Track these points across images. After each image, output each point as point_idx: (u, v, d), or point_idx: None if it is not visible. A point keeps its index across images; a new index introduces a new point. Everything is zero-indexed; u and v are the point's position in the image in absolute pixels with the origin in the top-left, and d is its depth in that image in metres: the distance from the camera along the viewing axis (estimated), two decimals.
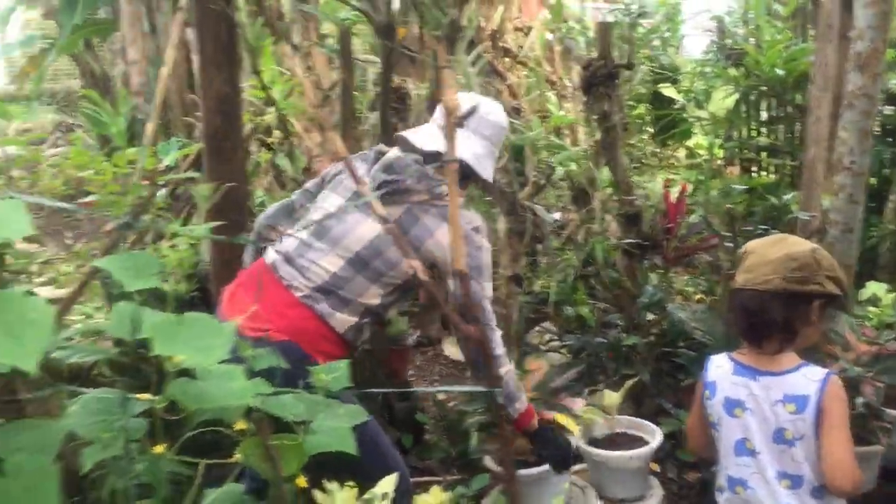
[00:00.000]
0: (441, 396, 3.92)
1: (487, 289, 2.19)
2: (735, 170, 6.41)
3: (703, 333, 2.94)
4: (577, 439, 2.96)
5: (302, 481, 1.83)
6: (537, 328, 4.01)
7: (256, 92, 4.77)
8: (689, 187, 4.05)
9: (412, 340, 3.94)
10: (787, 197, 3.50)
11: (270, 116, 4.72)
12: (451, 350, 4.53)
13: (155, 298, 3.21)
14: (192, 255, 3.34)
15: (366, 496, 2.13)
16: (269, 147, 4.63)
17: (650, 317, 3.30)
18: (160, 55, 8.77)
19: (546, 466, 2.79)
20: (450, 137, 1.55)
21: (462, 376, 4.31)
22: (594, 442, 3.04)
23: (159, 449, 1.78)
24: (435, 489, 2.47)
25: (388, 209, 2.09)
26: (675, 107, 6.80)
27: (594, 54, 3.74)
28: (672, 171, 7.00)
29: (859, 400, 2.58)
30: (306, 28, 5.79)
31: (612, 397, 2.98)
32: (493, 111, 2.37)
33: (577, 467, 3.16)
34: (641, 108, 7.09)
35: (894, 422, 2.85)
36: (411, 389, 1.62)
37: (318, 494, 2.18)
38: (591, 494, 2.96)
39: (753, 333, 1.98)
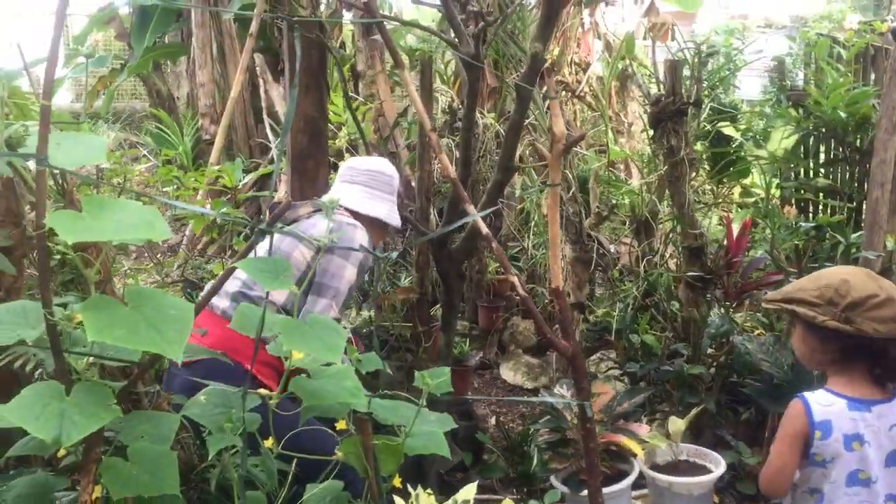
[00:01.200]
0: (502, 419, 4.01)
1: (349, 268, 2.58)
2: (792, 210, 6.44)
3: (769, 365, 2.99)
4: (640, 464, 3.04)
5: (397, 481, 1.94)
6: (597, 355, 4.09)
7: (333, 117, 4.97)
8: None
9: (474, 362, 4.03)
10: (854, 236, 3.54)
11: (342, 140, 4.90)
12: (508, 374, 4.61)
13: None
14: None
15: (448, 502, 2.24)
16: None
17: (711, 349, 3.38)
18: (226, 79, 9.08)
19: (619, 486, 2.87)
20: (553, 162, 1.67)
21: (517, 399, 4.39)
22: (656, 468, 3.11)
23: (268, 443, 1.91)
24: (507, 501, 2.57)
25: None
26: (734, 145, 6.86)
27: (661, 91, 3.84)
28: (727, 209, 7.04)
29: None
30: (372, 56, 6.00)
31: (677, 424, 3.05)
32: (367, 162, 2.89)
33: (638, 492, 3.23)
34: (699, 146, 7.16)
35: None
36: (506, 398, 1.69)
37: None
38: None
39: (891, 378, 2.06)
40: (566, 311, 1.80)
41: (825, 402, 2.05)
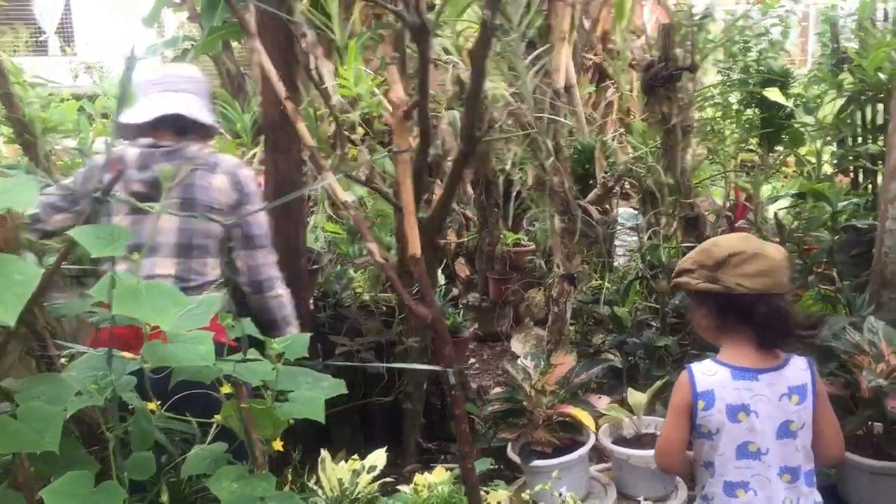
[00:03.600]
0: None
1: (262, 213, 2.60)
2: (844, 179, 6.13)
3: None
4: (601, 436, 3.01)
5: (278, 445, 1.99)
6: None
7: (343, 91, 5.02)
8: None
9: (468, 333, 4.04)
10: (842, 203, 3.36)
11: (356, 114, 4.95)
12: (517, 346, 4.60)
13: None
14: None
15: (353, 466, 2.29)
16: (353, 143, 4.86)
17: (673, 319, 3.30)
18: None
19: (568, 457, 2.85)
20: (398, 129, 1.67)
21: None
22: (621, 441, 3.06)
23: (152, 406, 1.99)
24: (439, 468, 2.60)
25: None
26: (784, 113, 6.58)
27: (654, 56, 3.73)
28: (780, 180, 6.77)
29: None
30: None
31: (636, 396, 3.00)
32: (183, 69, 2.73)
33: (600, 466, 3.20)
34: (749, 112, 6.89)
35: None
36: (343, 364, 1.71)
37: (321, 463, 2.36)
38: (611, 492, 2.99)
39: (768, 338, 1.98)
40: (424, 277, 1.80)
41: (709, 372, 2.01)
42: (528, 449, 2.87)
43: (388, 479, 2.51)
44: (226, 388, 1.92)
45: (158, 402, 1.95)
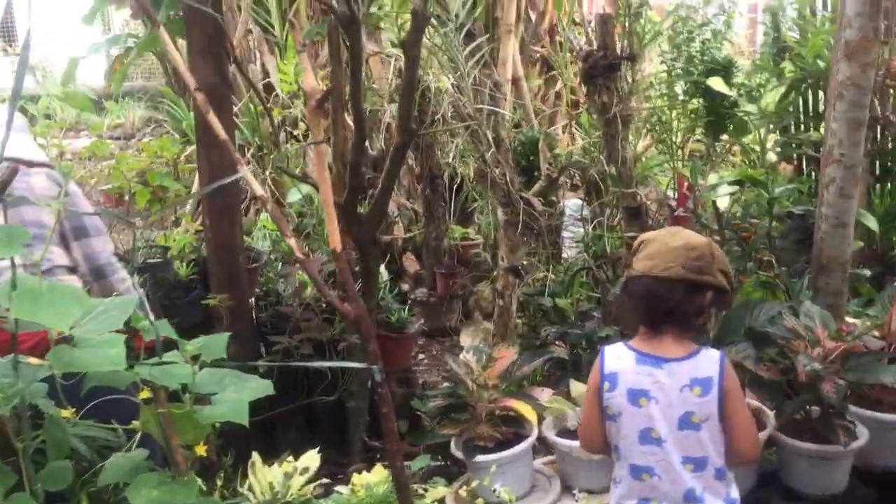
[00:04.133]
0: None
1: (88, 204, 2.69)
2: (788, 167, 6.21)
3: None
4: (544, 429, 2.98)
5: (201, 449, 1.93)
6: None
7: (284, 85, 4.95)
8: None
9: (415, 329, 4.00)
10: (778, 190, 3.38)
11: (297, 109, 4.89)
12: (466, 340, 4.57)
13: (157, 282, 3.39)
14: (192, 240, 3.53)
15: (286, 469, 2.24)
16: (296, 139, 4.80)
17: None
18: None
19: (511, 451, 2.83)
20: (312, 119, 1.62)
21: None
22: (566, 433, 3.04)
23: (66, 413, 1.91)
24: (378, 467, 2.55)
25: None
26: (727, 102, 6.62)
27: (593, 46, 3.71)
28: (728, 169, 6.82)
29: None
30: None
31: (579, 388, 2.98)
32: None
33: (545, 459, 3.17)
34: (694, 102, 6.94)
35: (866, 421, 2.75)
36: (258, 363, 1.67)
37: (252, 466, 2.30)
38: (556, 484, 2.97)
39: (653, 320, 1.99)
40: (346, 272, 1.75)
41: (617, 355, 2.03)
42: (471, 444, 2.84)
43: (325, 481, 2.45)
44: (145, 393, 1.86)
45: (73, 409, 1.89)
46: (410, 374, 4.00)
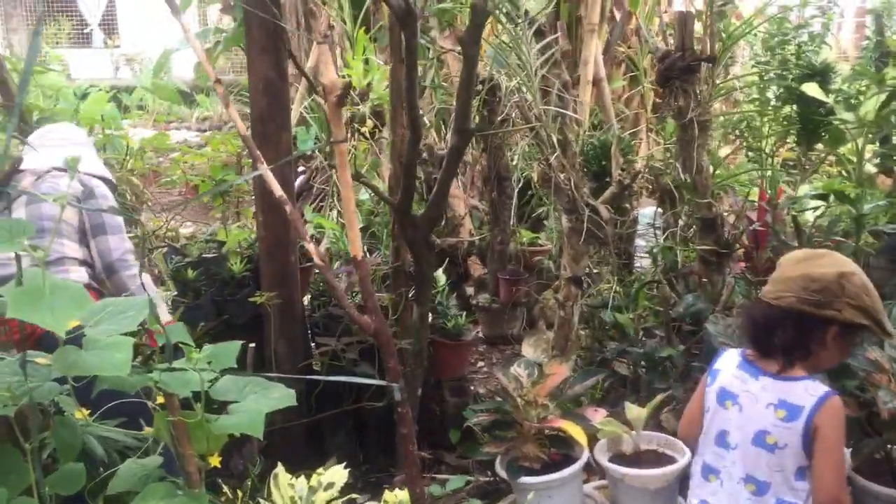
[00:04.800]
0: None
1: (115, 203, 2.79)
2: (887, 180, 5.81)
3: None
4: (597, 452, 2.81)
5: (215, 461, 1.83)
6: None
7: (352, 82, 4.88)
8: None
9: (472, 337, 3.86)
10: (868, 206, 3.10)
11: (368, 106, 4.80)
12: (528, 350, 4.39)
13: (210, 277, 3.34)
14: (249, 235, 3.48)
15: (312, 483, 2.13)
16: (364, 136, 4.71)
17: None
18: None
19: (558, 475, 2.67)
20: (332, 116, 1.50)
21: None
22: (619, 457, 2.85)
23: (80, 415, 1.84)
24: (398, 490, 2.42)
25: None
26: (823, 109, 6.25)
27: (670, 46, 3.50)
28: (821, 181, 6.45)
29: None
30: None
31: (634, 411, 2.78)
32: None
33: (597, 483, 2.99)
34: (786, 109, 6.58)
35: None
36: (271, 374, 1.57)
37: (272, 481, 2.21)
38: None
39: (758, 345, 1.96)
40: (367, 281, 1.63)
41: (730, 355, 2.04)
42: (516, 464, 2.69)
43: (355, 497, 2.34)
44: (161, 399, 1.78)
45: (87, 412, 1.82)
46: (466, 382, 3.86)
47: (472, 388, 3.93)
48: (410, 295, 3.39)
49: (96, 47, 17.53)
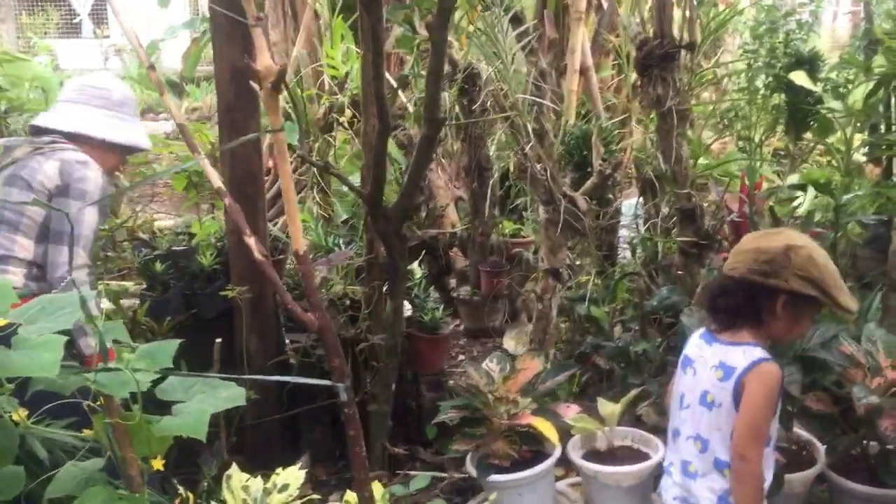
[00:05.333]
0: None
1: (89, 210, 2.50)
2: (875, 169, 5.74)
3: None
4: (569, 449, 2.75)
5: (158, 463, 1.77)
6: None
7: (330, 71, 4.80)
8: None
9: (449, 330, 3.79)
10: (846, 197, 3.03)
11: (346, 95, 4.72)
12: (509, 343, 4.34)
13: (180, 271, 3.27)
14: (220, 227, 3.40)
15: (266, 484, 2.07)
16: (343, 126, 4.63)
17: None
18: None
19: (528, 472, 2.61)
20: (268, 104, 1.42)
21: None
22: (594, 454, 2.80)
23: (17, 416, 1.77)
24: (375, 484, 2.35)
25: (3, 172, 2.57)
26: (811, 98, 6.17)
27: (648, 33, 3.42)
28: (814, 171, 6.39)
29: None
30: None
31: (607, 407, 2.73)
32: (81, 78, 2.83)
33: (571, 480, 2.94)
34: (775, 98, 6.50)
35: None
36: (218, 376, 1.51)
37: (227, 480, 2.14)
38: None
39: (713, 313, 2.05)
40: (310, 277, 1.56)
41: (699, 331, 2.13)
42: (486, 461, 2.63)
43: (315, 497, 2.27)
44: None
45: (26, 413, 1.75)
46: (444, 376, 3.79)
47: (450, 382, 3.86)
48: (384, 288, 3.32)
49: (86, 37, 17.39)
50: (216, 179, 1.53)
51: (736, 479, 1.92)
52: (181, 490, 2.21)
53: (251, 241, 1.54)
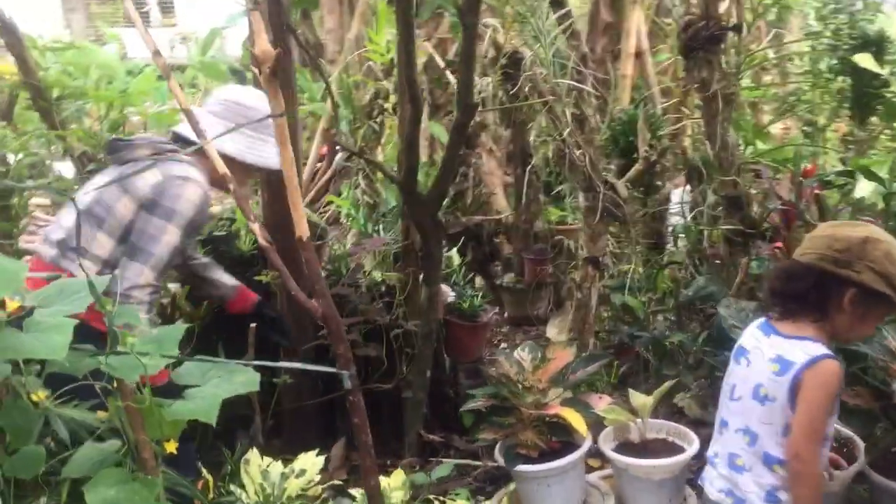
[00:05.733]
0: None
1: (171, 231, 2.39)
2: None
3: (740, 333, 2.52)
4: (602, 441, 2.70)
5: (171, 446, 1.78)
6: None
7: (375, 56, 4.79)
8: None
9: (488, 318, 3.76)
10: None
11: (392, 81, 4.70)
12: (552, 332, 4.29)
13: (219, 256, 3.31)
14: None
15: (284, 469, 2.08)
16: (388, 112, 4.61)
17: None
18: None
19: (555, 463, 2.57)
20: (268, 88, 1.41)
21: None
22: (627, 446, 2.74)
23: (37, 397, 1.80)
24: (398, 472, 2.36)
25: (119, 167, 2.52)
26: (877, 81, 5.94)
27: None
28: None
29: None
30: None
31: (639, 399, 2.66)
32: (228, 92, 2.74)
33: (604, 472, 2.89)
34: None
35: None
36: (207, 359, 1.49)
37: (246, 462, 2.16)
38: (609, 502, 2.69)
39: (774, 297, 1.98)
40: (313, 262, 1.55)
41: (757, 321, 2.06)
42: (514, 451, 2.60)
43: (337, 482, 2.28)
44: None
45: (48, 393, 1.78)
46: (483, 364, 3.77)
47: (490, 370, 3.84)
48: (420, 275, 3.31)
49: (153, 26, 17.76)
50: (222, 167, 1.53)
51: (793, 479, 1.86)
52: (204, 473, 2.24)
53: (255, 226, 1.54)
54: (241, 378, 1.81)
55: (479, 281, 5.03)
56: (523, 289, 4.52)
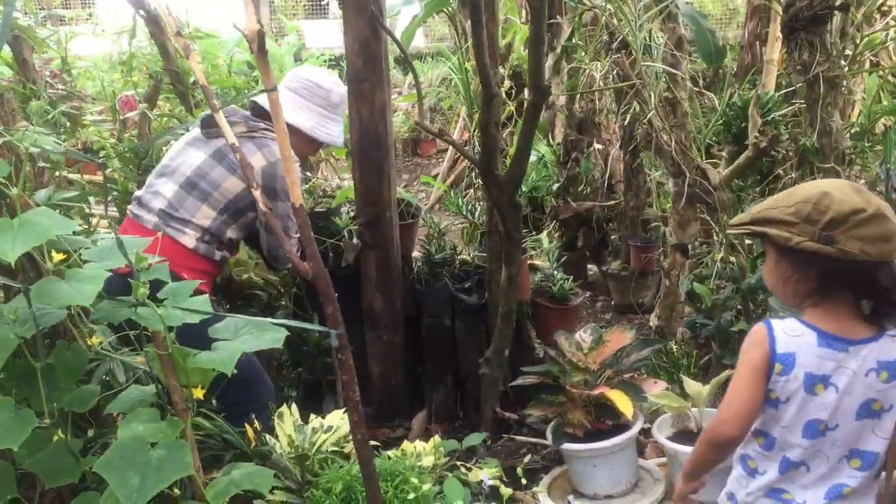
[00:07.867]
0: None
1: (284, 206, 2.66)
2: None
3: None
4: (639, 423, 2.68)
5: (199, 392, 1.97)
6: None
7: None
8: None
9: (578, 301, 3.76)
10: None
11: (508, 67, 4.77)
12: (654, 320, 4.21)
13: (319, 231, 3.53)
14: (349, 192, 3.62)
15: (313, 424, 2.23)
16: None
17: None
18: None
19: (599, 444, 2.59)
20: (259, 64, 1.54)
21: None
22: (684, 434, 2.70)
23: (94, 340, 2.04)
24: (434, 438, 2.45)
25: (214, 141, 2.69)
26: None
27: None
28: None
29: None
30: None
31: (694, 387, 2.61)
32: (308, 72, 2.92)
33: (660, 459, 2.85)
34: None
35: None
36: (240, 317, 1.60)
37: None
38: (659, 488, 2.67)
39: (886, 313, 1.67)
40: (306, 228, 1.66)
41: (792, 331, 1.67)
42: (562, 430, 2.63)
43: (373, 443, 2.40)
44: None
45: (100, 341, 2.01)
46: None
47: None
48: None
49: (332, 18, 18.60)
50: (243, 158, 1.67)
51: None
52: (248, 424, 2.43)
53: (257, 193, 1.67)
54: (269, 336, 1.96)
55: (591, 267, 5.02)
56: (628, 276, 4.46)
